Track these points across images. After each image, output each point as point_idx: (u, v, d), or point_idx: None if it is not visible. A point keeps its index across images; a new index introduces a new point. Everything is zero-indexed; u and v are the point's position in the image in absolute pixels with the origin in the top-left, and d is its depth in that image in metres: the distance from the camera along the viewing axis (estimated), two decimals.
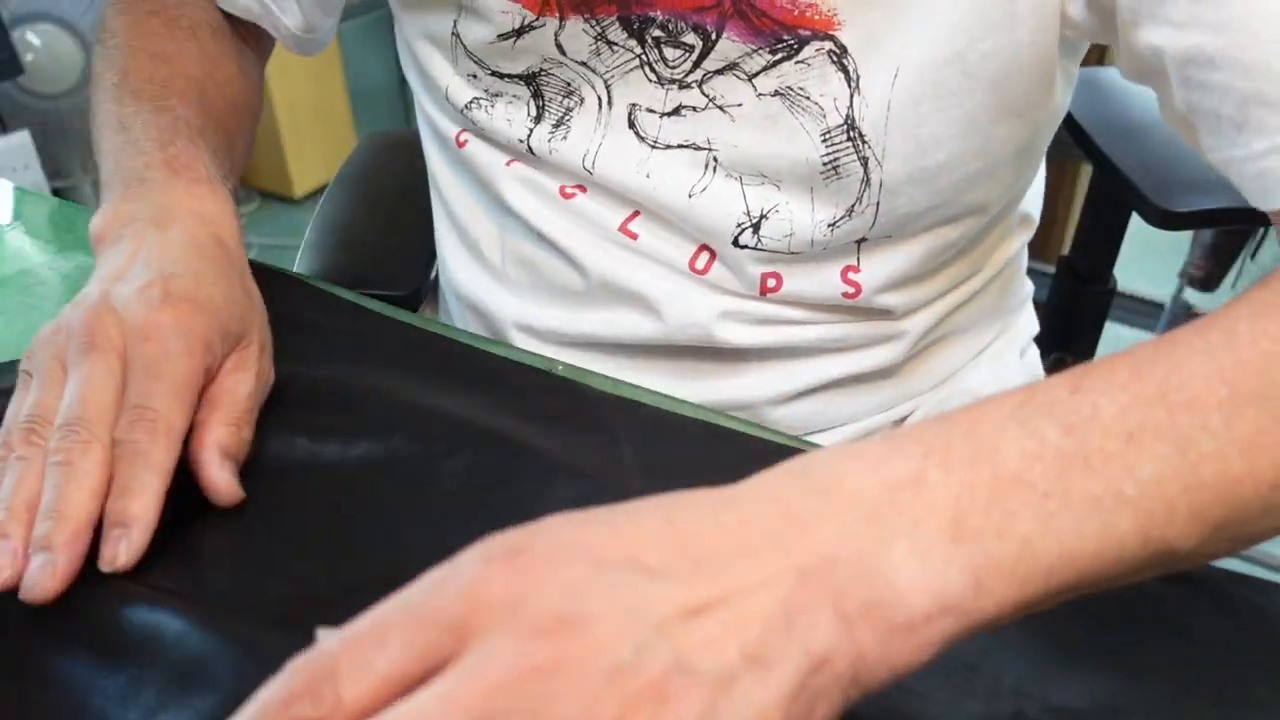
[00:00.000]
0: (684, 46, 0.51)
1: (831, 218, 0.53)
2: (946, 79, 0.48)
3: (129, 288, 0.43)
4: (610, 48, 0.52)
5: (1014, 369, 0.66)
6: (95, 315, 0.42)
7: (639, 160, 0.54)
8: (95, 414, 0.39)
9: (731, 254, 0.54)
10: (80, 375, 0.40)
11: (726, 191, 0.53)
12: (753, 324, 0.56)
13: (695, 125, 0.53)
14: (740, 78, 0.51)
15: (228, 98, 0.58)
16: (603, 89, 0.54)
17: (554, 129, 0.55)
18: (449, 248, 0.64)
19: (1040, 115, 0.52)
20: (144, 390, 0.40)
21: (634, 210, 0.56)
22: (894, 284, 0.56)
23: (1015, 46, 0.47)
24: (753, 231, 0.53)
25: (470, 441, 0.46)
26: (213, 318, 0.43)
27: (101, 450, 0.38)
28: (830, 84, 0.49)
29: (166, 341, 0.41)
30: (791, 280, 0.55)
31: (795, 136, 0.51)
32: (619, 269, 0.56)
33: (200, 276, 0.45)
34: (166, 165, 0.50)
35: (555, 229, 0.57)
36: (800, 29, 0.48)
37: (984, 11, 0.46)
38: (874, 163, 0.50)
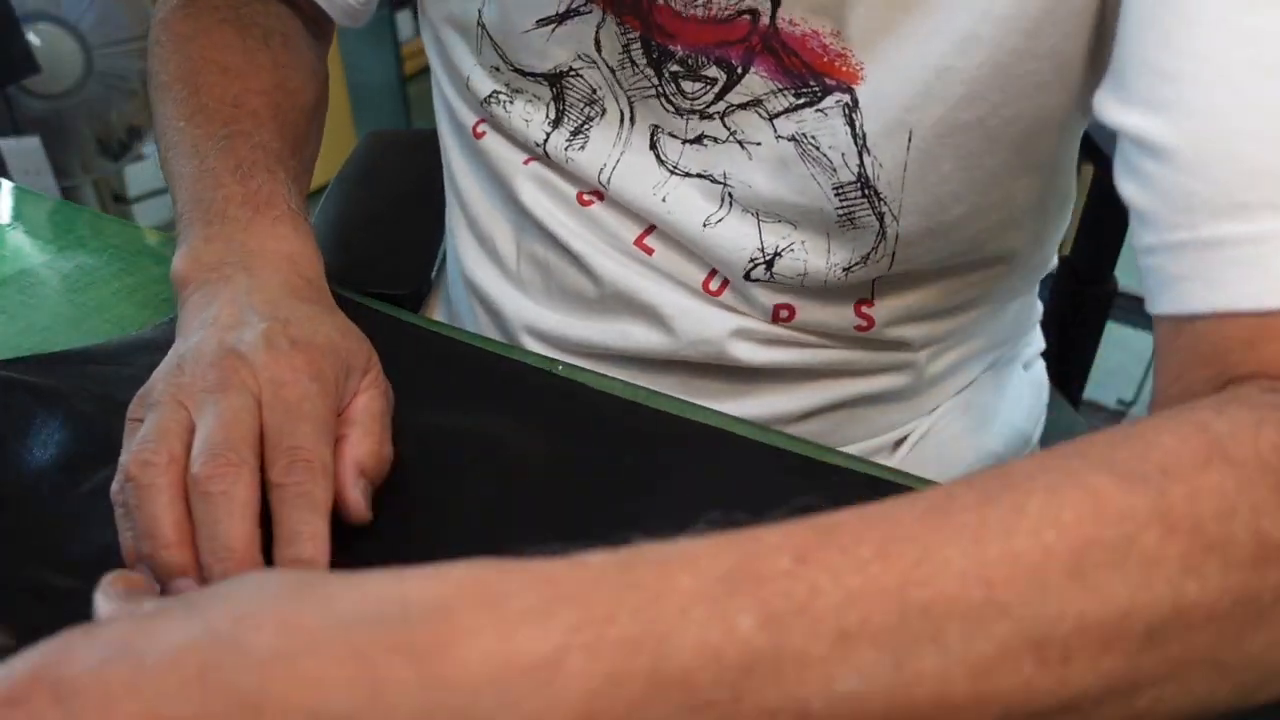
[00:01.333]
0: (705, 80, 0.49)
1: (846, 262, 0.52)
2: (967, 141, 0.46)
3: (250, 334, 0.41)
4: (633, 67, 0.51)
5: (1019, 382, 0.66)
6: (223, 358, 0.40)
7: (656, 183, 0.53)
8: (240, 440, 0.37)
9: (744, 284, 0.53)
10: (217, 410, 0.38)
11: (741, 227, 0.52)
12: (766, 344, 0.55)
13: (715, 157, 0.52)
14: (762, 115, 0.49)
15: (300, 106, 0.57)
16: (626, 104, 0.53)
17: (572, 135, 0.55)
18: (463, 242, 0.63)
19: (1065, 163, 0.51)
20: (292, 431, 0.38)
21: (649, 225, 0.55)
22: (909, 319, 0.55)
23: (1040, 111, 0.46)
24: (765, 268, 0.52)
25: (470, 444, 0.46)
26: (337, 358, 0.42)
27: (252, 475, 0.37)
28: (839, 138, 0.48)
29: (302, 384, 0.40)
30: (804, 311, 0.54)
31: (806, 186, 0.50)
32: (632, 280, 0.55)
33: (312, 319, 0.44)
34: (248, 202, 0.48)
35: (570, 234, 0.56)
36: (826, 77, 0.47)
37: (1007, 80, 0.44)
38: (890, 217, 0.49)
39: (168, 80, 0.54)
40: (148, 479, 0.36)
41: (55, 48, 1.84)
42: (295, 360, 0.41)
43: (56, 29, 1.83)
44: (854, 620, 0.24)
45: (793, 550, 0.25)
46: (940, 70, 0.44)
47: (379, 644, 0.23)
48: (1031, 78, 0.44)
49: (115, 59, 1.88)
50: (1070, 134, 0.49)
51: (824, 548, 0.26)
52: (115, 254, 0.59)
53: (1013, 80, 0.44)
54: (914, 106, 0.45)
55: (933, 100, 0.45)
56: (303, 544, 0.36)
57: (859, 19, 0.45)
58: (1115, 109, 0.38)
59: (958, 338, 0.60)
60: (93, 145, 2.03)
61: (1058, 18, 0.42)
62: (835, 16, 0.45)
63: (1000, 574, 0.25)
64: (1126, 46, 0.38)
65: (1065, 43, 0.43)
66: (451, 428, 0.47)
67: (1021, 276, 0.60)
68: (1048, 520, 0.26)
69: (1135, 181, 0.37)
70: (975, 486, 0.28)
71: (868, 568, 0.25)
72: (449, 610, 0.24)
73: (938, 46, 0.44)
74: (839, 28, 0.46)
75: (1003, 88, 0.44)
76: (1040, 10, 0.42)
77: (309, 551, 0.36)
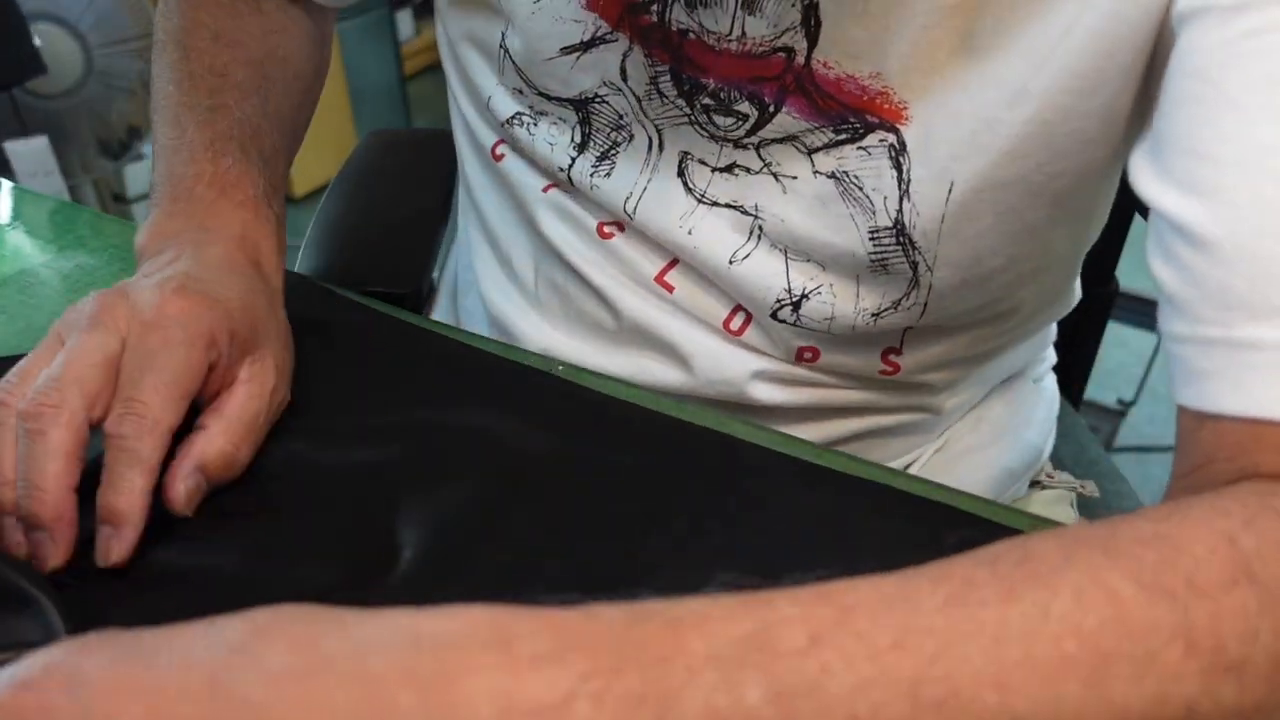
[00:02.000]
0: (737, 115, 0.48)
1: (876, 308, 0.50)
2: (1008, 197, 0.45)
3: (148, 281, 0.43)
4: (661, 98, 0.49)
5: (1030, 395, 0.65)
6: (106, 298, 0.41)
7: (683, 213, 0.51)
8: (73, 377, 0.38)
9: (769, 323, 0.52)
10: (70, 346, 0.39)
11: (769, 264, 0.50)
12: (786, 385, 0.54)
13: (746, 187, 0.50)
14: (800, 150, 0.48)
15: (291, 74, 0.57)
16: (654, 130, 0.51)
17: (598, 162, 0.53)
18: (481, 258, 0.62)
19: (1101, 210, 0.50)
20: (137, 380, 0.39)
21: (672, 259, 0.53)
22: (936, 367, 0.54)
23: (1083, 166, 0.44)
24: (792, 309, 0.51)
25: (469, 444, 0.46)
26: (223, 315, 0.42)
27: (72, 416, 0.37)
28: (883, 179, 0.46)
29: (169, 330, 0.40)
30: (829, 355, 0.53)
31: (843, 226, 0.48)
32: (652, 316, 0.54)
33: (222, 282, 0.44)
34: (215, 182, 0.49)
35: (589, 266, 0.55)
36: (867, 114, 0.45)
37: (1053, 137, 0.43)
38: (924, 267, 0.48)
39: (163, 40, 0.55)
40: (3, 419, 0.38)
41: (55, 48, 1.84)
42: (171, 307, 0.41)
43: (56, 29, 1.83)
44: (864, 708, 0.24)
45: (808, 627, 0.25)
46: (989, 121, 0.43)
47: (389, 670, 0.23)
48: (1078, 135, 0.43)
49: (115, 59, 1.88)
50: (1110, 183, 0.48)
51: (840, 628, 0.25)
52: (115, 254, 0.58)
53: (1059, 138, 0.43)
54: (959, 156, 0.44)
55: (977, 152, 0.43)
56: (116, 495, 0.37)
57: (900, 59, 0.43)
58: (1152, 183, 0.37)
59: (979, 375, 0.59)
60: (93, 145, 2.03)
61: (1108, 76, 0.41)
62: (872, 60, 0.44)
63: (1017, 679, 0.25)
64: (1167, 119, 0.37)
65: (1115, 99, 0.42)
66: (451, 427, 0.47)
67: (1049, 314, 0.59)
68: (1070, 627, 0.26)
69: (1170, 266, 0.36)
70: (1000, 575, 0.27)
71: (883, 656, 0.24)
72: (460, 645, 0.24)
73: (989, 95, 0.42)
74: (878, 70, 0.44)
75: (1048, 145, 0.43)
76: (1092, 68, 0.41)
77: (121, 504, 0.37)
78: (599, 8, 0.48)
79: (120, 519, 0.37)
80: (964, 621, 0.25)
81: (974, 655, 0.25)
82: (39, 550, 0.37)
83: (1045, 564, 0.27)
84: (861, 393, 0.55)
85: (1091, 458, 0.75)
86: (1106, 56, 0.40)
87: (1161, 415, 1.95)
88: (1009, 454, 0.62)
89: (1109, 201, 0.51)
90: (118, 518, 0.37)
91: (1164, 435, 1.91)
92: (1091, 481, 0.65)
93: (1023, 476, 0.64)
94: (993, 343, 0.55)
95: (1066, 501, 0.65)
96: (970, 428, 0.62)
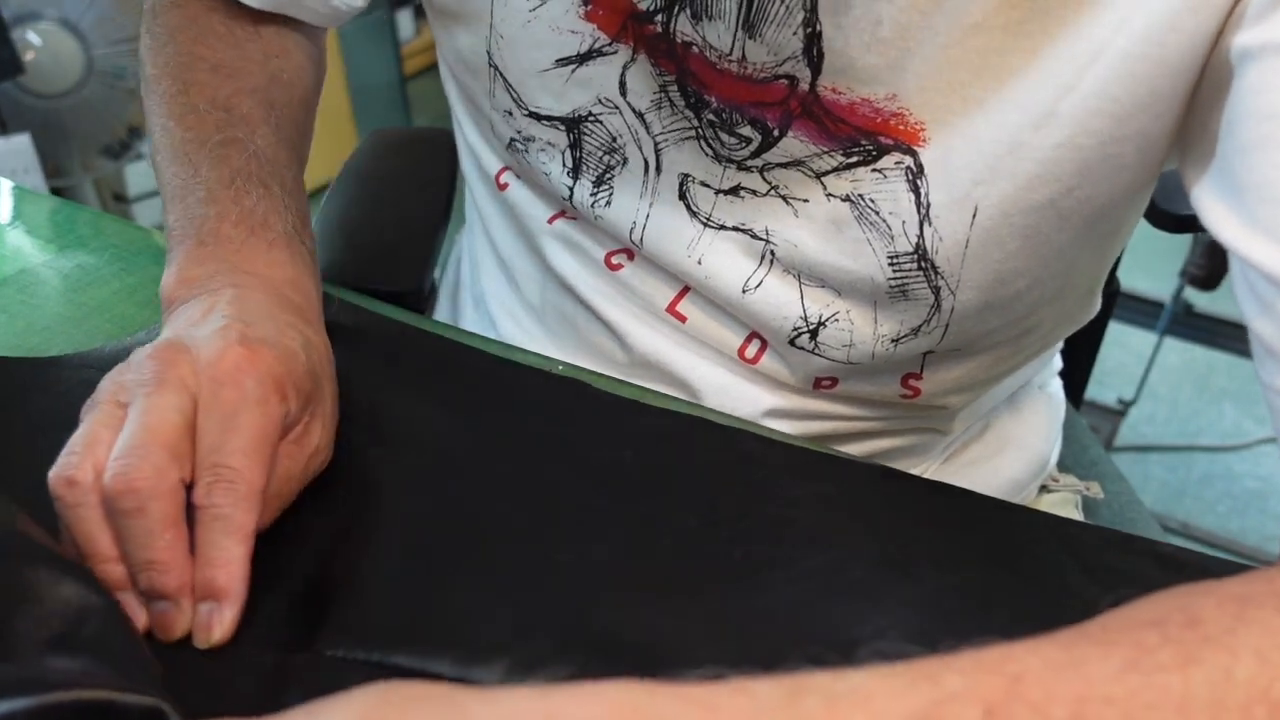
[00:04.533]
0: (740, 137, 0.46)
1: (895, 334, 0.49)
2: (1036, 221, 0.43)
3: (204, 330, 0.39)
4: (671, 107, 0.47)
5: (1036, 403, 0.65)
6: (164, 353, 0.38)
7: (690, 240, 0.50)
8: (157, 443, 0.35)
9: (787, 350, 0.51)
10: (143, 408, 0.36)
11: (783, 291, 0.49)
12: (801, 419, 0.53)
13: (754, 211, 0.48)
14: (807, 174, 0.46)
15: (295, 99, 0.54)
16: (651, 152, 0.49)
17: (595, 188, 0.51)
18: (490, 278, 0.60)
19: (1129, 231, 0.49)
20: (220, 444, 0.36)
21: (683, 288, 0.52)
22: (955, 390, 0.53)
23: (1115, 190, 0.43)
24: (810, 337, 0.49)
25: (469, 445, 0.46)
26: (292, 365, 0.40)
27: (167, 484, 0.34)
28: (901, 203, 0.44)
29: (244, 387, 0.37)
30: (848, 384, 0.52)
31: (860, 251, 0.46)
32: (663, 349, 0.53)
33: (279, 331, 0.41)
34: (242, 222, 0.46)
35: (599, 298, 0.54)
36: (881, 135, 0.43)
37: (1085, 163, 0.41)
38: (946, 291, 0.46)
39: (156, 74, 0.52)
40: (73, 499, 0.34)
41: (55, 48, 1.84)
42: (242, 360, 0.38)
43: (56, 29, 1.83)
44: None
45: (980, 702, 0.23)
46: (1012, 145, 0.41)
47: None
48: (1113, 161, 0.41)
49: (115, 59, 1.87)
50: (1139, 206, 0.46)
51: (1013, 702, 0.23)
52: (116, 253, 0.58)
53: (1092, 164, 0.41)
54: (983, 180, 0.42)
55: (1002, 176, 0.42)
56: (215, 570, 0.34)
57: (917, 78, 0.42)
58: (1239, 233, 0.36)
59: (993, 393, 0.58)
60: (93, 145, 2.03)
61: (1144, 101, 0.39)
62: (887, 82, 0.42)
63: None
64: (1245, 165, 0.35)
65: (1152, 124, 0.40)
66: (450, 429, 0.47)
67: (1068, 329, 0.57)
68: (1257, 693, 0.24)
69: (1268, 318, 0.35)
70: (1172, 638, 0.25)
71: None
72: None
73: (1014, 119, 0.41)
74: (893, 92, 0.42)
75: (1080, 170, 0.41)
76: (1127, 92, 0.39)
77: (222, 578, 0.34)
78: (598, 19, 0.46)
79: (222, 593, 0.34)
80: (1144, 690, 0.24)
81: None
82: (164, 620, 0.34)
83: (1217, 625, 0.26)
84: (876, 421, 0.54)
85: (1092, 458, 0.75)
86: (1143, 81, 0.39)
87: (1161, 415, 1.95)
88: (1016, 464, 0.61)
89: (1136, 222, 0.49)
90: (220, 593, 0.34)
91: (1164, 435, 1.91)
92: (1096, 484, 0.65)
93: (1029, 485, 0.63)
94: (1011, 362, 0.54)
95: (1071, 504, 0.64)
96: (975, 438, 0.61)
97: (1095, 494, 0.64)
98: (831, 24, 0.41)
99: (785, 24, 0.42)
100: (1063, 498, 0.64)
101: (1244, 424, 1.95)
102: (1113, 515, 0.70)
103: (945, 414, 0.56)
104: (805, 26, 0.42)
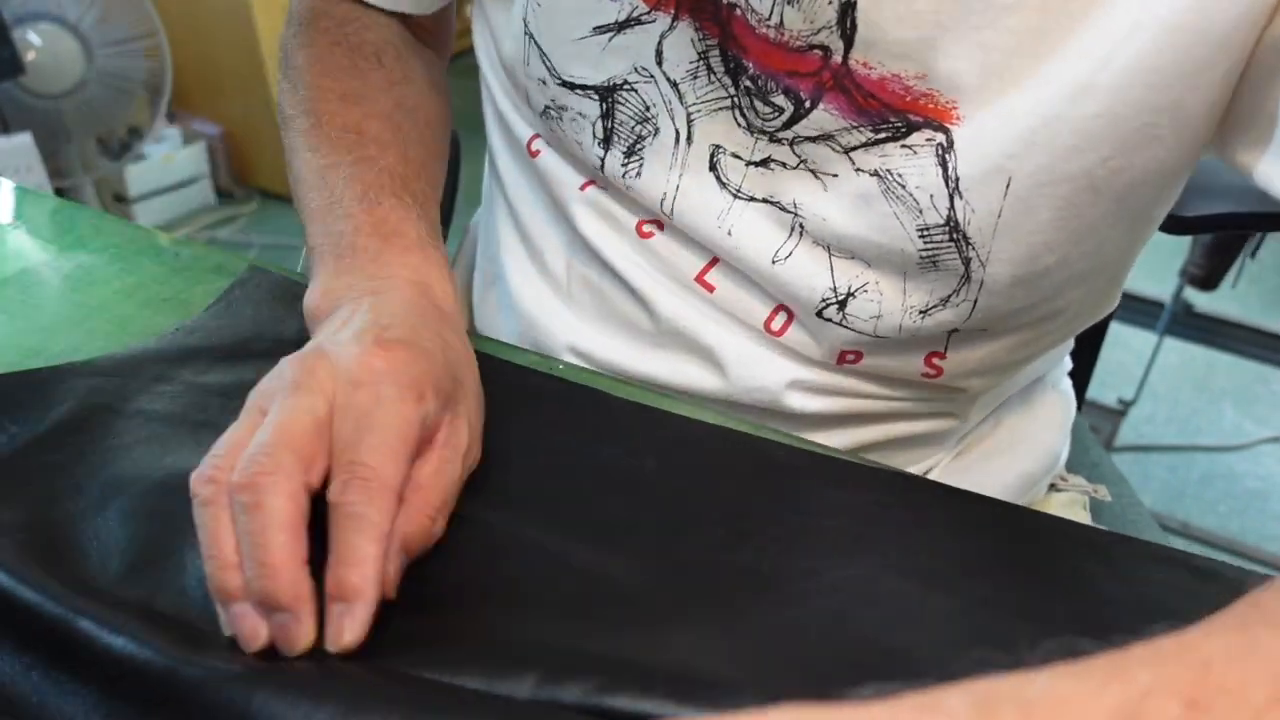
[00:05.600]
0: (773, 105, 0.47)
1: (924, 304, 0.49)
2: (1070, 192, 0.43)
3: (343, 336, 0.40)
4: (709, 75, 0.48)
5: (1048, 398, 0.65)
6: (303, 361, 0.38)
7: (720, 211, 0.50)
8: (283, 442, 0.34)
9: (814, 322, 0.51)
10: (277, 410, 0.36)
11: (812, 262, 0.49)
12: (821, 394, 0.53)
13: (783, 183, 0.49)
14: (835, 149, 0.46)
15: (421, 123, 0.56)
16: (684, 122, 0.50)
17: (626, 158, 0.52)
18: (511, 254, 0.61)
19: (1158, 215, 0.49)
20: (354, 442, 0.35)
21: (712, 258, 0.53)
22: (977, 372, 0.53)
23: (1150, 163, 0.43)
24: (838, 308, 0.50)
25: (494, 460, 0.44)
26: (429, 365, 0.39)
27: (290, 482, 0.34)
28: (928, 178, 0.45)
29: (380, 387, 0.37)
30: (872, 358, 0.52)
31: (888, 226, 0.47)
32: (691, 318, 0.53)
33: (415, 330, 0.41)
34: (375, 231, 0.47)
35: (628, 266, 0.54)
36: (910, 114, 0.44)
37: (1121, 131, 0.41)
38: (977, 263, 0.46)
39: (293, 113, 0.55)
40: (207, 496, 0.34)
41: (55, 48, 1.84)
42: (378, 361, 0.38)
43: (56, 29, 1.83)
44: None
45: (1178, 695, 0.22)
46: (1049, 118, 0.42)
47: None
48: (1148, 130, 0.41)
49: (115, 59, 1.88)
50: (1173, 188, 0.47)
51: (1212, 691, 0.23)
52: (116, 254, 0.58)
53: (1127, 132, 0.41)
54: (1015, 154, 0.43)
55: (1037, 148, 0.42)
56: (348, 569, 0.34)
57: (949, 61, 0.42)
58: None
59: (1010, 382, 0.58)
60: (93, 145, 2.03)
61: (1184, 70, 0.40)
62: (919, 60, 0.43)
63: None
64: None
65: (1189, 95, 0.41)
66: None
67: (1089, 319, 0.58)
68: None
69: None
70: None
71: (1267, 712, 0.22)
72: None
73: (1047, 93, 0.41)
74: (924, 71, 0.43)
75: (1116, 139, 0.42)
76: (1168, 62, 0.39)
77: (354, 578, 0.34)
78: None
79: (354, 594, 0.33)
80: None
81: None
82: (285, 634, 0.33)
83: None
84: (896, 401, 0.54)
85: (1093, 459, 0.75)
86: (1183, 50, 0.39)
87: (1162, 415, 1.95)
88: (1027, 459, 0.61)
89: (1168, 208, 0.50)
90: (352, 593, 0.33)
91: (1164, 435, 1.91)
92: (1103, 487, 0.65)
93: (1041, 481, 0.63)
94: (1033, 347, 0.54)
95: (1080, 505, 0.65)
96: (988, 432, 0.61)
97: (1103, 497, 0.64)
98: None
99: None
100: (1070, 498, 0.65)
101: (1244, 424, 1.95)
102: (1113, 516, 0.70)
103: (964, 398, 0.56)
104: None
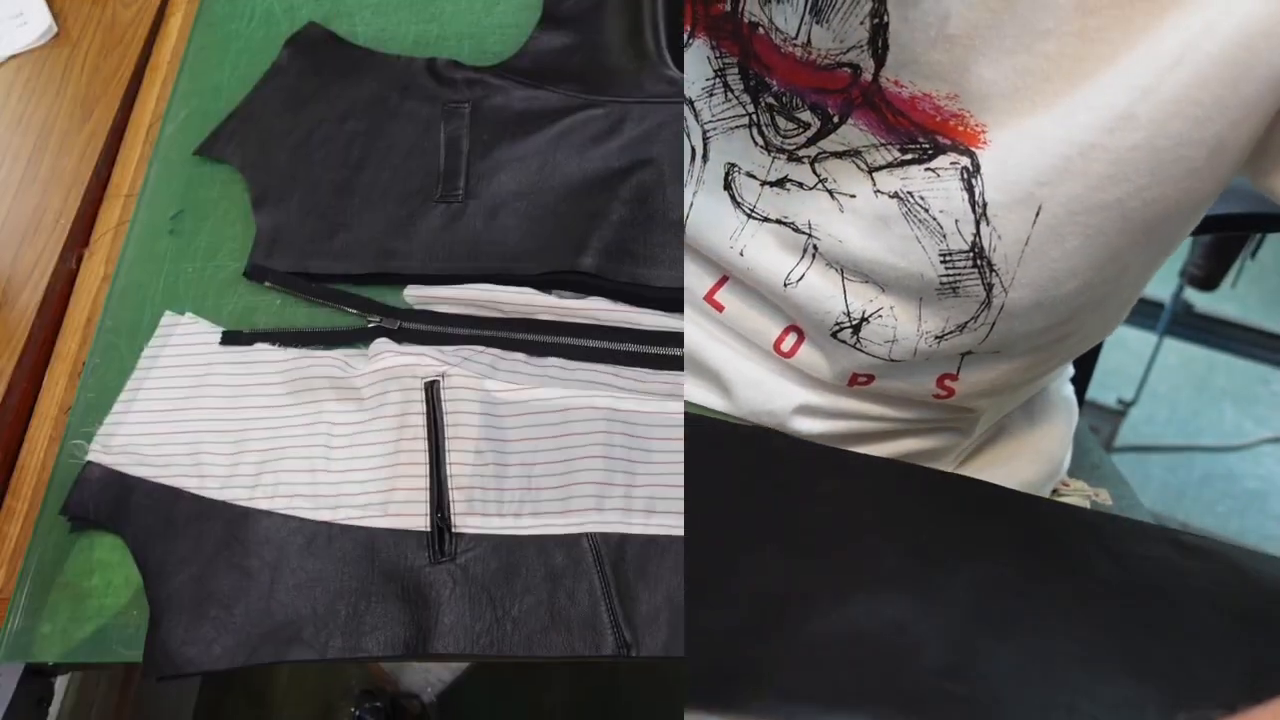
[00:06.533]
0: (798, 122, 0.46)
1: (940, 330, 0.48)
2: (1101, 223, 0.43)
3: None
4: (726, 93, 0.47)
5: (1050, 407, 0.64)
6: None
7: (733, 230, 0.50)
8: None
9: (827, 344, 0.50)
10: None
11: (825, 286, 0.49)
12: (828, 418, 0.53)
13: (799, 203, 0.48)
14: (860, 167, 0.46)
15: None
16: (699, 140, 0.49)
17: None
18: None
19: (1180, 240, 0.49)
20: None
21: (723, 276, 0.52)
22: (988, 393, 0.53)
23: (1183, 195, 0.42)
24: (853, 332, 0.49)
25: None
26: None
27: None
28: (953, 202, 0.44)
29: None
30: (884, 380, 0.51)
31: (909, 249, 0.46)
32: (698, 339, 0.53)
33: None
34: None
35: None
36: (939, 135, 0.43)
37: (1159, 163, 0.41)
38: (999, 289, 0.46)
39: None
40: None
41: None
42: None
43: None
44: None
45: None
46: (1085, 147, 0.41)
47: None
48: (1185, 163, 0.41)
49: None
50: (1199, 215, 0.46)
51: None
52: None
53: (1164, 164, 0.41)
54: (1048, 181, 0.42)
55: (1071, 177, 0.41)
56: None
57: (981, 83, 0.41)
58: None
59: (1016, 398, 0.58)
60: None
61: (1228, 106, 0.39)
62: (952, 81, 0.42)
63: None
64: None
65: (1230, 131, 0.40)
66: None
67: (1098, 338, 0.57)
68: None
69: None
70: None
71: None
72: None
73: (1083, 120, 0.40)
74: (956, 91, 0.42)
75: (1152, 171, 0.41)
76: (1212, 96, 0.39)
77: None
78: None
79: None
80: None
81: None
82: None
83: None
84: (903, 423, 0.54)
85: (1094, 461, 0.75)
86: (1228, 85, 0.38)
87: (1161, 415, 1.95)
88: (1029, 468, 0.61)
89: (1181, 241, 0.49)
90: None
91: (1164, 435, 1.90)
92: (1105, 490, 0.65)
93: (1042, 489, 0.63)
94: (1044, 367, 0.53)
95: None
96: (990, 441, 0.61)
97: (1104, 501, 0.64)
98: (899, 16, 0.41)
99: (852, 12, 0.42)
100: (1072, 503, 0.64)
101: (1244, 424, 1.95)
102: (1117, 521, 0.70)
103: (971, 417, 0.55)
104: (873, 16, 0.41)
